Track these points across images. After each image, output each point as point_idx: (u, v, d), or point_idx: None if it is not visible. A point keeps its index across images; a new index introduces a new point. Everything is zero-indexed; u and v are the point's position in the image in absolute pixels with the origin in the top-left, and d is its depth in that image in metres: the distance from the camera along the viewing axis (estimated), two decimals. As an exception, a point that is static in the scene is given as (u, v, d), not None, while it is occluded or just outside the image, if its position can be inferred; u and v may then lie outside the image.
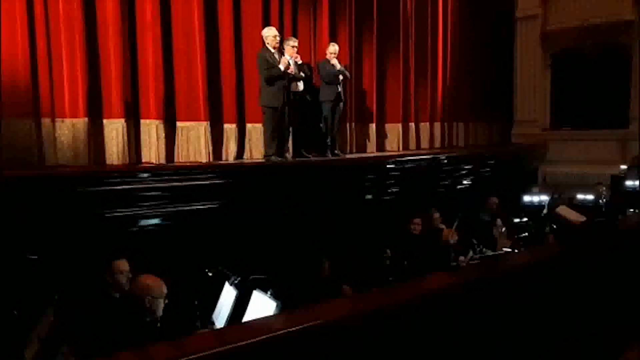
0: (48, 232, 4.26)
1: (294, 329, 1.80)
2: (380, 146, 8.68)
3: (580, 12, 9.98)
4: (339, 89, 7.04)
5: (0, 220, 4.00)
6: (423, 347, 2.20)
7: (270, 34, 6.34)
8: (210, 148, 6.37)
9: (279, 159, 6.30)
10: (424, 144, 9.44)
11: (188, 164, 6.11)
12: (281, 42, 6.50)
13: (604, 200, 7.69)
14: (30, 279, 3.89)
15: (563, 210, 4.54)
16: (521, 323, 2.68)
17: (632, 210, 6.63)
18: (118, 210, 4.78)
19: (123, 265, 3.56)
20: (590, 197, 7.97)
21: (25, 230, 4.15)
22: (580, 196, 8.09)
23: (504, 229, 6.30)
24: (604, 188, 7.96)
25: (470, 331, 2.37)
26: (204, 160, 6.26)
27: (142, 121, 5.93)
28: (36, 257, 4.00)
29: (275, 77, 6.19)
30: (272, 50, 6.31)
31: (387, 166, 7.31)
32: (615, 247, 3.63)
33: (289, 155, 6.76)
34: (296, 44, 6.63)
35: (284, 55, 6.36)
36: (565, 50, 10.56)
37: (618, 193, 7.95)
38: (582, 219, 4.26)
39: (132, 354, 1.76)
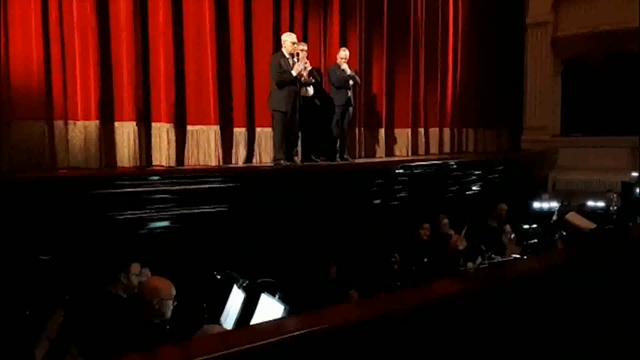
0: (59, 234, 4.30)
1: (301, 332, 1.81)
2: (389, 151, 8.68)
3: (591, 19, 9.93)
4: (349, 94, 7.06)
5: (12, 221, 4.05)
6: (431, 354, 2.20)
7: (289, 39, 6.37)
8: (220, 152, 6.42)
9: (288, 163, 6.32)
10: (433, 149, 9.43)
11: (198, 167, 6.16)
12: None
13: (615, 207, 7.64)
14: (42, 280, 3.93)
15: (573, 217, 4.50)
16: (530, 330, 2.67)
17: (643, 217, 6.57)
18: (128, 212, 4.82)
19: (135, 268, 3.64)
20: (600, 204, 7.91)
21: (37, 231, 4.20)
22: (590, 203, 8.03)
23: (512, 236, 6.27)
24: (615, 195, 7.90)
25: (478, 337, 2.37)
26: (213, 163, 6.31)
27: (153, 124, 5.98)
28: (48, 257, 4.04)
29: (287, 82, 6.22)
30: (287, 56, 6.34)
31: (396, 171, 7.30)
32: (626, 255, 3.61)
33: (298, 159, 6.78)
34: (305, 48, 6.67)
35: (298, 62, 6.39)
36: (576, 56, 10.51)
37: (629, 200, 7.87)
38: (592, 226, 4.21)
39: (140, 356, 1.78)
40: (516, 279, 2.83)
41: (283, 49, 6.36)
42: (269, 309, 3.18)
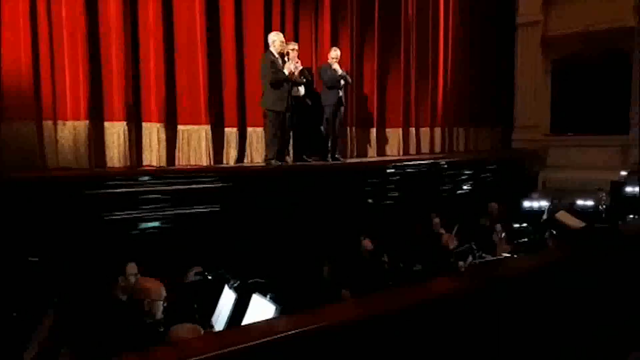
0: (49, 235, 4.27)
1: (292, 332, 1.81)
2: (381, 151, 8.70)
3: (582, 18, 10.00)
4: (340, 94, 7.06)
5: (1, 222, 4.01)
6: (424, 352, 2.20)
7: (278, 39, 6.36)
8: (211, 151, 6.39)
9: (280, 162, 6.31)
10: (425, 148, 9.46)
11: (189, 167, 6.13)
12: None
13: (604, 206, 7.69)
14: (31, 281, 3.89)
15: (562, 215, 4.53)
16: (524, 327, 2.69)
17: (631, 216, 6.62)
18: (118, 213, 4.79)
19: (132, 268, 3.64)
20: (590, 202, 7.96)
21: (26, 232, 4.16)
22: (580, 202, 8.08)
23: (503, 234, 6.28)
24: (604, 194, 7.95)
25: (471, 336, 2.37)
26: (204, 163, 6.28)
27: (143, 124, 5.95)
28: (37, 259, 4.00)
29: (281, 81, 6.22)
30: (277, 55, 6.33)
31: (388, 171, 7.32)
32: (616, 253, 3.64)
33: (290, 159, 6.78)
34: (296, 47, 6.66)
35: (287, 61, 6.38)
36: (566, 56, 10.58)
37: (618, 199, 7.94)
38: (582, 224, 4.25)
39: (133, 357, 1.77)
40: (510, 278, 2.84)
41: (272, 49, 6.35)
42: (261, 309, 3.17)
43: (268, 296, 3.24)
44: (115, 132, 5.68)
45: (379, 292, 2.69)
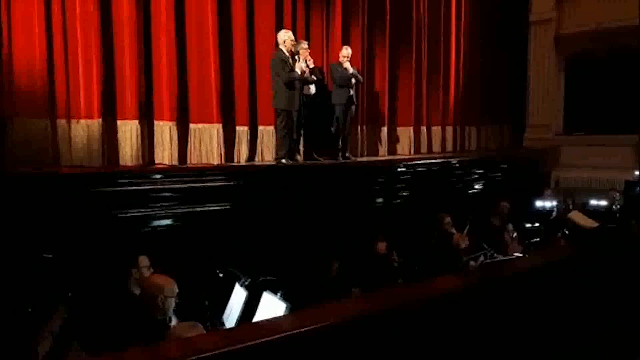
0: (62, 231, 4.32)
1: (303, 329, 1.82)
2: (392, 149, 8.67)
3: (595, 15, 9.88)
4: (351, 92, 7.04)
5: (16, 218, 4.07)
6: (431, 349, 2.21)
7: (287, 37, 6.36)
8: (222, 150, 6.43)
9: (290, 161, 6.33)
10: (436, 147, 9.41)
11: (200, 165, 6.16)
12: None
13: (617, 206, 7.62)
14: (45, 277, 3.94)
15: (575, 215, 4.51)
16: (531, 327, 2.67)
17: (645, 216, 6.55)
18: (131, 210, 4.83)
19: (144, 260, 3.68)
20: (603, 202, 7.89)
21: (40, 228, 4.21)
22: (593, 202, 8.02)
23: (515, 234, 6.24)
24: (617, 194, 7.88)
25: (477, 333, 2.37)
26: (216, 161, 6.31)
27: (155, 122, 6.00)
28: (51, 255, 4.05)
29: (293, 81, 6.23)
30: (287, 54, 6.34)
31: (398, 170, 7.30)
32: (628, 253, 3.60)
33: (300, 157, 6.79)
34: (306, 46, 6.67)
35: (297, 59, 6.39)
36: (579, 54, 10.47)
37: (631, 199, 7.86)
38: (595, 224, 4.22)
39: (142, 351, 1.79)
40: (514, 276, 2.83)
41: (282, 47, 6.35)
42: (271, 307, 3.19)
43: (279, 294, 3.26)
44: (128, 130, 5.73)
45: (383, 290, 2.69)
